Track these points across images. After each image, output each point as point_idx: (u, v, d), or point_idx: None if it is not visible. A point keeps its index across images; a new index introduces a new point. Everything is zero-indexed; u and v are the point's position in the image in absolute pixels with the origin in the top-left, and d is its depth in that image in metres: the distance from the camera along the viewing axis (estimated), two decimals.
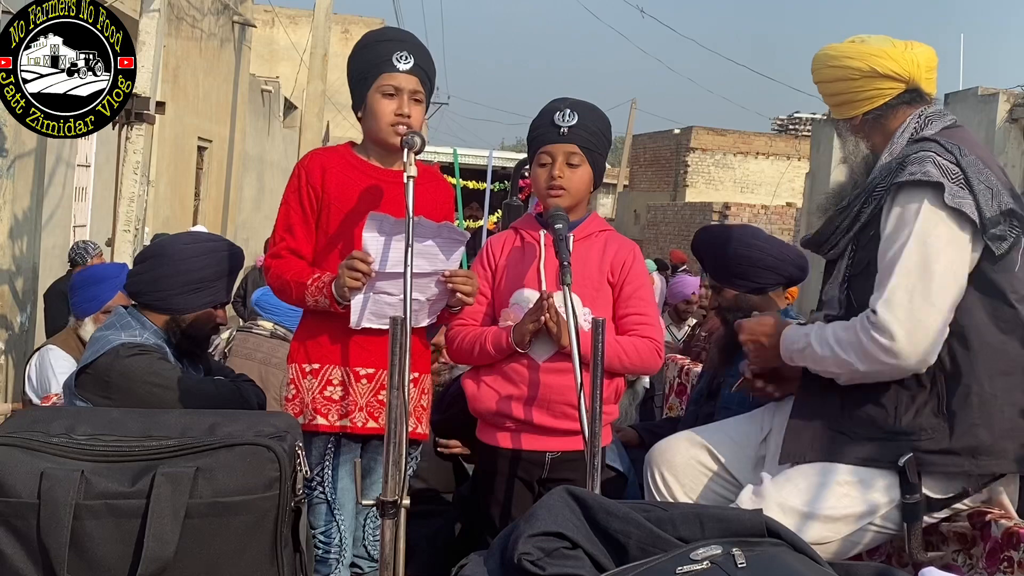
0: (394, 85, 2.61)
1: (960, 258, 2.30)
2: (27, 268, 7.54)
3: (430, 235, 2.46)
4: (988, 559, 2.30)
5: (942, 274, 2.27)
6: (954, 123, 2.49)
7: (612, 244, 2.79)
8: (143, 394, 2.72)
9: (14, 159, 7.04)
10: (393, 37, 2.70)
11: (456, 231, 2.51)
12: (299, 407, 2.62)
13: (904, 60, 2.45)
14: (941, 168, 2.30)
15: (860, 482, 2.34)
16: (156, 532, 1.92)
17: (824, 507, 2.32)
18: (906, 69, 2.45)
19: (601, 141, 2.78)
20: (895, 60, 2.45)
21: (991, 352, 2.32)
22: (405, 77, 2.61)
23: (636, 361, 2.73)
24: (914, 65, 2.45)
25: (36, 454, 1.97)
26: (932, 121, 2.46)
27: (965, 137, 2.44)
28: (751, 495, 2.38)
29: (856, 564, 1.97)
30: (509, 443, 2.71)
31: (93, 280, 4.10)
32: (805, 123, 32.94)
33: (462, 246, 2.53)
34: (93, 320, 4.01)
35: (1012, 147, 16.59)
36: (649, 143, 32.88)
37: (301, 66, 18.09)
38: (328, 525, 2.62)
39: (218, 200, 14.42)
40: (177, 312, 2.90)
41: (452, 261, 2.52)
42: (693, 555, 1.67)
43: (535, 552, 1.71)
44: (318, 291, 2.54)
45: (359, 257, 2.45)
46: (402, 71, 2.61)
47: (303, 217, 2.64)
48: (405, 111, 2.60)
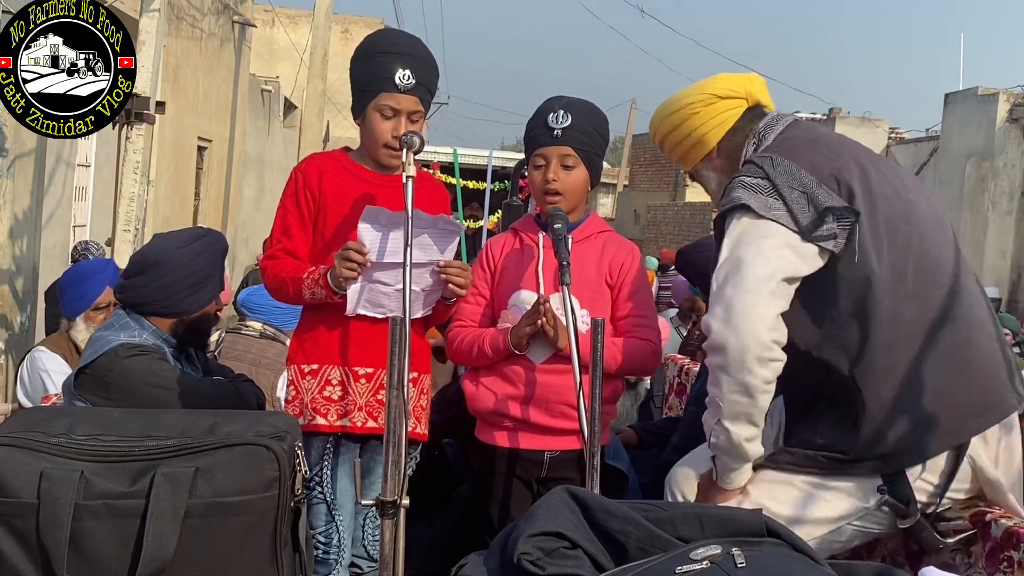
0: (392, 107, 2.60)
1: (774, 248, 2.23)
2: (27, 268, 7.54)
3: (426, 226, 2.46)
4: (988, 558, 2.30)
5: (751, 260, 2.21)
6: (787, 127, 2.45)
7: (611, 245, 2.79)
8: (142, 394, 2.72)
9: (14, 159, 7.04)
10: (397, 49, 2.64)
11: (451, 223, 2.52)
12: (298, 407, 2.63)
13: (737, 79, 2.52)
14: (748, 187, 2.29)
15: (830, 488, 2.34)
16: (156, 532, 1.92)
17: (797, 511, 2.32)
18: (742, 85, 2.50)
19: (596, 140, 2.77)
20: (729, 80, 2.51)
21: (873, 353, 2.27)
22: (405, 98, 2.60)
23: (634, 362, 2.73)
24: (748, 81, 2.50)
25: (36, 454, 1.97)
26: (766, 136, 2.45)
27: (794, 137, 2.41)
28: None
29: (856, 564, 1.96)
30: (507, 442, 2.72)
31: (80, 278, 4.09)
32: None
33: (457, 237, 2.53)
34: (84, 319, 3.98)
35: (1012, 147, 16.59)
36: (649, 143, 32.78)
37: (301, 66, 18.09)
38: (327, 525, 2.63)
39: (218, 200, 14.41)
40: (184, 313, 2.90)
41: (448, 252, 2.53)
42: (693, 555, 1.67)
43: (535, 552, 1.71)
44: (314, 283, 2.54)
45: (354, 247, 2.45)
46: (402, 90, 2.59)
47: (300, 220, 2.65)
48: (401, 132, 2.56)
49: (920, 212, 2.37)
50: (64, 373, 3.79)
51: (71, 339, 4.03)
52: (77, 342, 3.95)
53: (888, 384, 2.27)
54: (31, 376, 4.12)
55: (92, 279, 4.02)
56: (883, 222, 2.31)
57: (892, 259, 2.29)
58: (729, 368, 2.21)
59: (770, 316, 2.19)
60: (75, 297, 4.04)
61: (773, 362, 2.21)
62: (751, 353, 2.18)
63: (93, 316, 3.96)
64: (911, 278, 2.29)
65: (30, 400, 4.07)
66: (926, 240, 2.34)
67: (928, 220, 2.38)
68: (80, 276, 4.11)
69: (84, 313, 4.00)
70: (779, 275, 2.22)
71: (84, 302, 4.01)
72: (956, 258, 2.38)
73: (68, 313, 4.10)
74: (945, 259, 2.35)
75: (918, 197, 2.41)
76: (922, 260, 2.31)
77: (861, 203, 2.29)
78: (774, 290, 2.21)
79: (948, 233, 2.43)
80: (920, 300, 2.28)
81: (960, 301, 2.33)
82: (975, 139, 17.06)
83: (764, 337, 2.18)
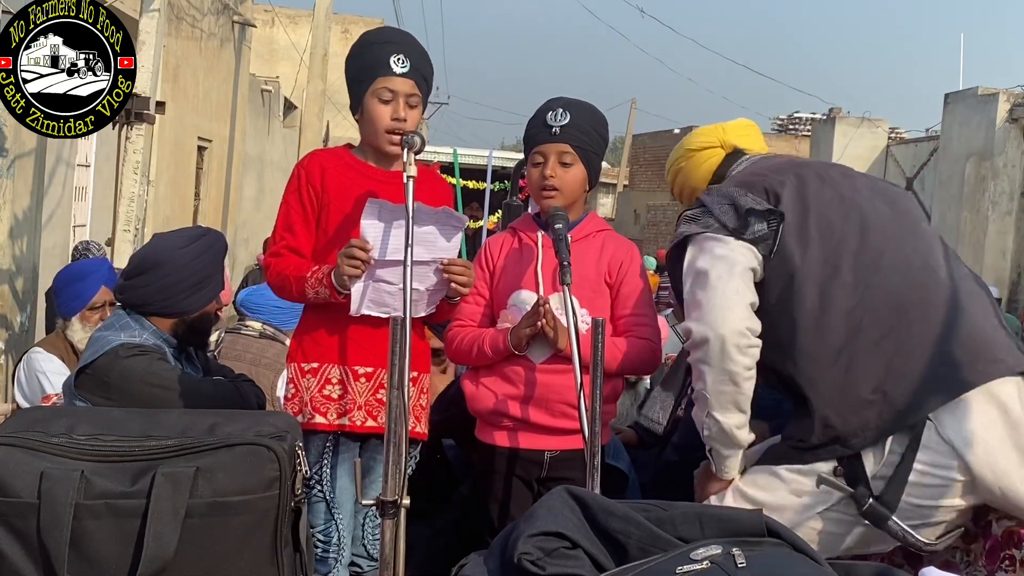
0: (390, 89, 2.61)
1: (724, 251, 2.42)
2: (27, 268, 7.54)
3: (429, 221, 2.46)
4: (988, 557, 2.30)
5: (710, 266, 2.41)
6: (750, 163, 2.70)
7: (610, 244, 2.79)
8: (142, 394, 2.72)
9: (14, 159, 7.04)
10: (389, 39, 2.69)
11: (455, 215, 2.51)
12: (298, 406, 2.63)
13: (709, 131, 2.81)
14: (688, 220, 2.53)
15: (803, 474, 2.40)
16: (156, 532, 1.92)
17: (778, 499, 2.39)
18: (715, 135, 2.78)
19: (595, 139, 2.78)
20: (702, 134, 2.83)
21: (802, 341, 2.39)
22: (401, 81, 2.61)
23: (634, 362, 2.73)
24: (720, 131, 2.78)
25: (36, 454, 1.97)
26: (729, 174, 2.71)
27: (745, 170, 2.67)
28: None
29: (856, 564, 1.96)
30: (508, 442, 2.72)
31: (74, 277, 4.07)
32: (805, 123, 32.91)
33: (460, 232, 2.53)
34: (79, 319, 3.96)
35: (1012, 147, 16.58)
36: (649, 143, 32.86)
37: (301, 66, 18.09)
38: (327, 524, 2.63)
39: (218, 200, 14.41)
40: (185, 313, 2.90)
41: (451, 247, 2.52)
42: (693, 555, 1.67)
43: (535, 552, 1.71)
44: (317, 282, 2.54)
45: (357, 245, 2.45)
46: (398, 74, 2.60)
47: (303, 216, 2.65)
48: (401, 115, 2.60)
49: (868, 211, 2.51)
50: (61, 374, 3.78)
51: (67, 339, 4.01)
52: (73, 342, 3.93)
53: (826, 370, 2.37)
54: (28, 378, 4.11)
55: (88, 279, 4.00)
56: (814, 221, 2.46)
57: (824, 253, 2.43)
58: (711, 360, 2.36)
59: (740, 306, 2.36)
60: (71, 297, 4.02)
61: (751, 348, 2.36)
62: (729, 342, 2.33)
63: (89, 316, 3.94)
64: (848, 270, 2.42)
65: (28, 402, 4.06)
66: (870, 235, 2.46)
67: (881, 218, 2.51)
68: (75, 276, 4.10)
69: (80, 313, 3.98)
70: (737, 267, 2.40)
71: (80, 302, 3.99)
72: (924, 250, 2.49)
73: (64, 313, 4.08)
74: (902, 251, 2.47)
75: (873, 200, 2.56)
76: (862, 253, 2.44)
77: (788, 205, 2.46)
78: (738, 285, 2.38)
79: (915, 230, 2.55)
80: (861, 289, 2.40)
81: (925, 288, 2.41)
82: (975, 139, 17.06)
83: (739, 326, 2.34)
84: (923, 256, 2.47)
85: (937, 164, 18.27)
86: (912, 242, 2.50)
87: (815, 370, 2.37)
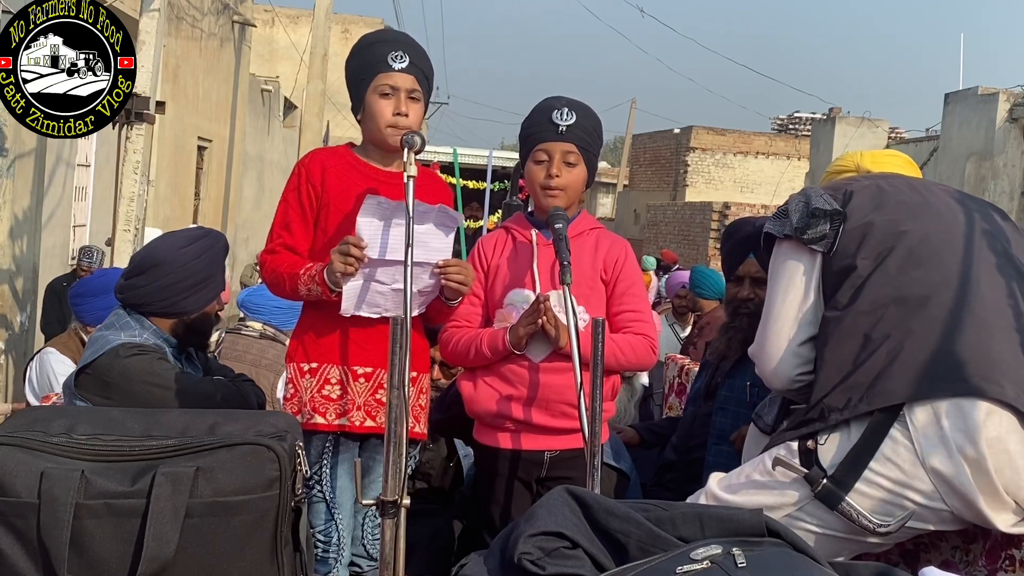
0: (390, 84, 2.61)
1: (792, 278, 2.50)
2: (27, 268, 7.55)
3: (426, 220, 2.46)
4: (988, 557, 2.30)
5: (773, 297, 2.52)
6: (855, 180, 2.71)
7: (604, 242, 2.79)
8: (142, 394, 2.72)
9: (14, 159, 7.05)
10: (388, 38, 2.71)
11: (450, 214, 2.51)
12: (297, 406, 2.63)
13: (846, 157, 2.89)
14: (772, 217, 2.59)
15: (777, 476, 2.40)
16: (156, 532, 1.92)
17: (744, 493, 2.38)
18: (852, 160, 2.84)
19: (596, 141, 2.79)
20: (841, 158, 2.92)
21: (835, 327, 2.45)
22: (401, 76, 2.62)
23: (631, 358, 2.73)
24: (858, 156, 2.84)
25: (36, 454, 1.97)
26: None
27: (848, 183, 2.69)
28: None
29: (856, 564, 1.96)
30: (508, 443, 2.71)
31: (102, 290, 4.06)
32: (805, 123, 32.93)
33: (454, 231, 2.53)
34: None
35: (1012, 147, 16.59)
36: (649, 143, 32.88)
37: (301, 66, 18.09)
38: (326, 524, 2.62)
39: (218, 200, 14.42)
40: (185, 314, 2.90)
41: (445, 247, 2.52)
42: (693, 555, 1.67)
43: (535, 552, 1.71)
44: (310, 279, 2.54)
45: (352, 242, 2.45)
46: (397, 70, 2.61)
47: (302, 215, 2.64)
48: (402, 109, 2.60)
49: (942, 214, 2.54)
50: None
51: (80, 340, 4.02)
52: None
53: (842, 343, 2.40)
54: (39, 377, 4.12)
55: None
56: (881, 220, 2.47)
57: (879, 249, 2.46)
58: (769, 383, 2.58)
59: (792, 354, 2.48)
60: (99, 308, 3.98)
61: (799, 384, 2.49)
62: (780, 384, 2.52)
63: None
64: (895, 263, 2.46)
65: (38, 400, 4.08)
66: (930, 239, 2.48)
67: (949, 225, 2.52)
68: (103, 288, 4.07)
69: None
70: (792, 310, 2.50)
71: (109, 313, 4.01)
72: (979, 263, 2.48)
73: (87, 320, 4.08)
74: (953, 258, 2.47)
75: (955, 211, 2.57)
76: (914, 250, 2.47)
77: (857, 204, 2.49)
78: (792, 329, 2.49)
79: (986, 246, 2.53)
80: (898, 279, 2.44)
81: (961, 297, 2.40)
82: (975, 139, 17.06)
83: (790, 374, 2.48)
84: (971, 267, 2.45)
85: (937, 164, 18.27)
86: (970, 253, 2.50)
87: (834, 341, 2.41)
